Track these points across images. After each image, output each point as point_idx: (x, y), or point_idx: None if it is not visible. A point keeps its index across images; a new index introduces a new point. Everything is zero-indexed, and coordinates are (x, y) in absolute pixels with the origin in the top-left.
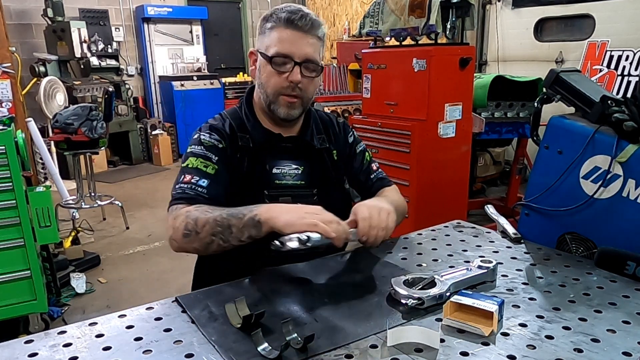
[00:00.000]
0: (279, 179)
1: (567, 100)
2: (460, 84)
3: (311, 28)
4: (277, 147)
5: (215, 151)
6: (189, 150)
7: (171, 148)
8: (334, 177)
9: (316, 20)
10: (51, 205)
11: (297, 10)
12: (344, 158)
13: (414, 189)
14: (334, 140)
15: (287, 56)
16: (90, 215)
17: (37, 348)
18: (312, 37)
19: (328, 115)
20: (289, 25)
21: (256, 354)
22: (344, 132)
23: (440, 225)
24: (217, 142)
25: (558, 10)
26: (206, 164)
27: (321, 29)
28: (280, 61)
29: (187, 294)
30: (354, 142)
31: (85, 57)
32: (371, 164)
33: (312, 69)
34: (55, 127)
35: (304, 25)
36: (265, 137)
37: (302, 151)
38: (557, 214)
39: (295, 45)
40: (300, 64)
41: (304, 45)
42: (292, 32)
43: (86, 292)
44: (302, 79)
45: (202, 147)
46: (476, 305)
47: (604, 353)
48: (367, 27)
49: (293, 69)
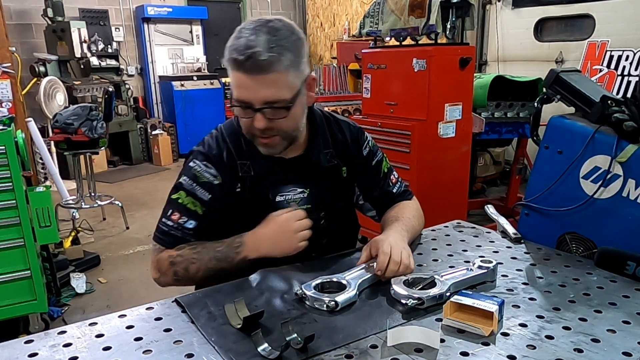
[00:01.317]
0: (283, 206)
1: (567, 100)
2: (460, 84)
3: (264, 69)
4: (280, 172)
5: (208, 188)
6: (181, 180)
7: (171, 148)
8: (342, 198)
9: (270, 57)
10: (51, 205)
11: (243, 48)
12: (355, 174)
13: (414, 189)
14: (345, 153)
15: (245, 103)
16: (90, 215)
17: (37, 348)
18: (269, 75)
19: (339, 121)
20: (236, 68)
21: (256, 354)
22: (358, 143)
23: (440, 225)
24: (213, 178)
25: (558, 10)
26: (195, 204)
27: (281, 63)
28: (241, 107)
29: (187, 294)
30: (370, 154)
31: (85, 57)
32: (389, 177)
33: (279, 108)
34: (55, 127)
35: (253, 67)
36: (267, 163)
37: (308, 172)
38: (557, 214)
39: (249, 91)
40: (260, 110)
41: (260, 90)
42: (241, 76)
43: (86, 292)
44: (269, 123)
45: (195, 183)
46: (476, 305)
47: (604, 353)
48: (367, 27)
49: (255, 116)
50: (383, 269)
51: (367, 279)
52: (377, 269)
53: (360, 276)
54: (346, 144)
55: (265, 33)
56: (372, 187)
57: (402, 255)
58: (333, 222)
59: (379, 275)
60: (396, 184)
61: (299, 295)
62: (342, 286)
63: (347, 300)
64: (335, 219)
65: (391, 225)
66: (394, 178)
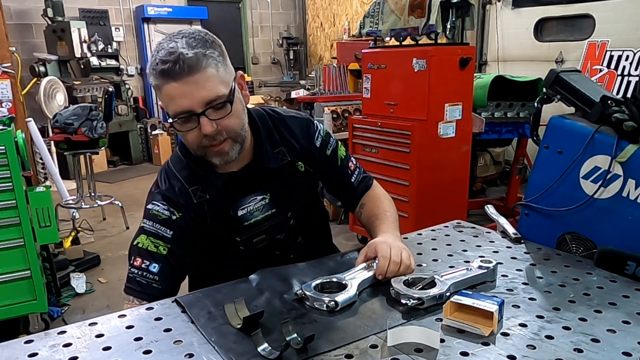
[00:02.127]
0: (247, 219)
1: (567, 100)
2: (460, 84)
3: (194, 68)
4: (234, 186)
5: (168, 225)
6: (141, 225)
7: (171, 148)
8: (306, 192)
9: (196, 54)
10: (51, 205)
11: (167, 56)
12: (313, 165)
13: (414, 189)
14: (296, 148)
15: (186, 112)
16: (90, 215)
17: (37, 348)
18: (201, 74)
19: (284, 117)
20: (167, 79)
21: (256, 354)
22: (309, 135)
23: (440, 225)
24: (171, 214)
25: (558, 10)
26: (157, 244)
27: (207, 58)
28: (183, 119)
29: (187, 294)
30: (323, 145)
31: (85, 57)
32: (347, 164)
33: (220, 106)
34: (55, 127)
35: (182, 72)
36: (220, 181)
37: (262, 177)
38: (557, 214)
39: (187, 97)
40: (203, 113)
41: (196, 91)
42: (175, 84)
43: (86, 292)
44: (216, 124)
45: (153, 223)
46: (476, 305)
47: (604, 353)
48: (367, 27)
49: (200, 121)
50: (384, 273)
51: (367, 279)
52: (378, 273)
53: (360, 276)
54: (296, 139)
55: (182, 37)
56: (331, 177)
57: (402, 255)
58: (303, 219)
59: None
60: (355, 171)
61: (299, 295)
62: (342, 286)
63: (347, 300)
64: (304, 215)
65: (378, 226)
66: (352, 165)
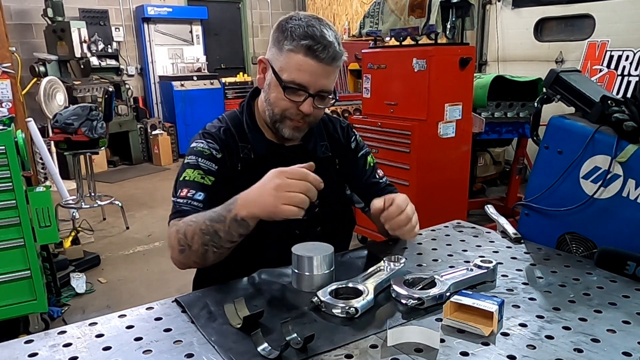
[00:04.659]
0: None
1: (567, 100)
2: (460, 84)
3: (333, 60)
4: (279, 158)
5: (212, 160)
6: (186, 162)
7: (171, 148)
8: (336, 187)
9: (339, 52)
10: (51, 205)
11: (320, 38)
12: (346, 165)
13: (414, 189)
14: (337, 146)
15: (302, 87)
16: (90, 215)
17: (37, 348)
18: (334, 67)
19: (330, 118)
20: (308, 54)
21: (256, 354)
22: (347, 137)
23: (440, 225)
24: (215, 152)
25: (558, 10)
26: (202, 175)
27: (342, 59)
28: (293, 90)
29: (187, 294)
30: (357, 147)
31: (85, 57)
32: (376, 170)
33: (324, 97)
34: (55, 127)
35: (326, 57)
36: (268, 148)
37: (305, 161)
38: (557, 214)
39: (312, 77)
40: (314, 96)
41: (322, 78)
42: (311, 62)
43: (86, 292)
44: (313, 110)
45: (199, 158)
46: (476, 305)
47: (604, 353)
48: (367, 27)
49: (305, 100)
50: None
51: (382, 282)
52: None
53: (375, 280)
54: (338, 138)
55: (330, 29)
56: (360, 177)
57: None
58: (328, 212)
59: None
60: (382, 178)
61: (315, 303)
62: (358, 292)
63: (366, 306)
64: (330, 208)
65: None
66: (380, 173)
